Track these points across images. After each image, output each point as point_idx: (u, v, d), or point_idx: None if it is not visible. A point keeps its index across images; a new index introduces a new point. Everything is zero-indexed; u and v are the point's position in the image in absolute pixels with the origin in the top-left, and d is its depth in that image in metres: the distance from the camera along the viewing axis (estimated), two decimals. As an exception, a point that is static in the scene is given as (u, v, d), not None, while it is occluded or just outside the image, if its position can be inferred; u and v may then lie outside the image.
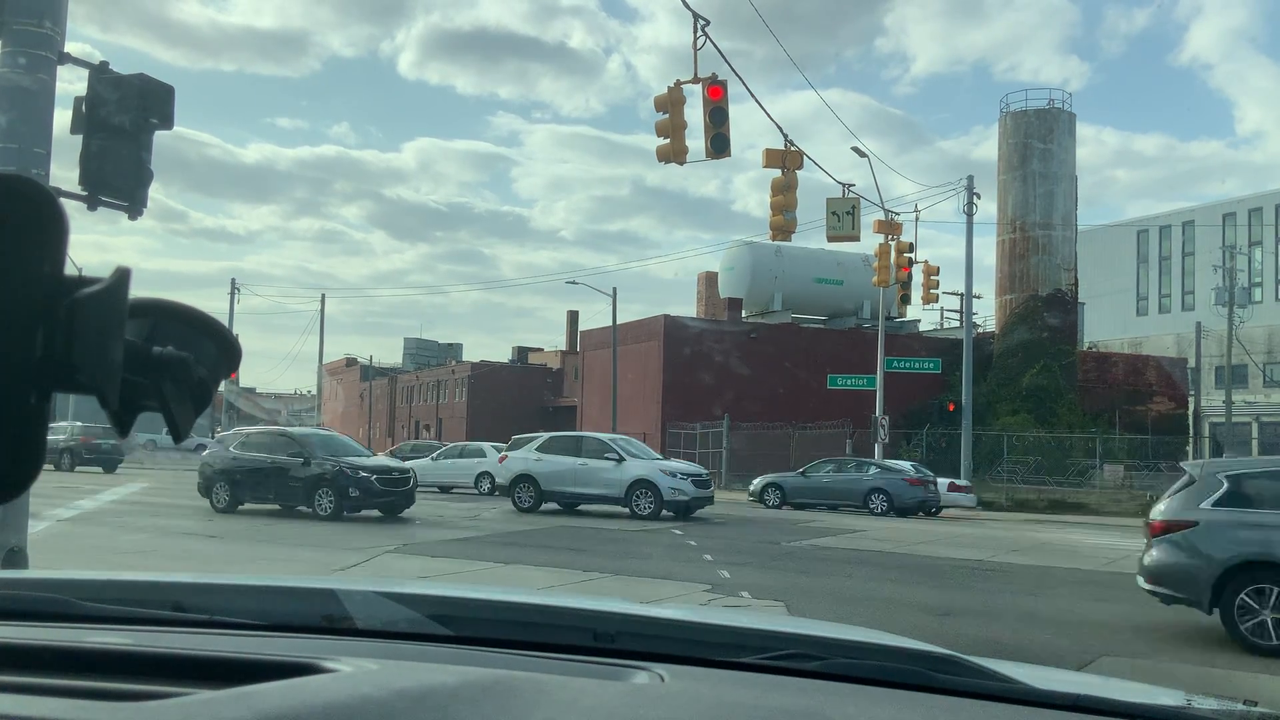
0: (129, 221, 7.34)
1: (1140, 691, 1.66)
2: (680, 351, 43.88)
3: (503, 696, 1.26)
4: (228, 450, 22.13)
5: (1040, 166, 45.76)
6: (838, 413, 37.52)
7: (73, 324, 0.76)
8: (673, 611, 1.99)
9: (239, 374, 56.97)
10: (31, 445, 0.76)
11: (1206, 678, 8.18)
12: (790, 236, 18.38)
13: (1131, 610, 11.67)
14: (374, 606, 1.80)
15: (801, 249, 48.60)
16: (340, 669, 1.31)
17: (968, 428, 30.18)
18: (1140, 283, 67.07)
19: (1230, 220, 60.63)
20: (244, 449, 21.98)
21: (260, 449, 21.75)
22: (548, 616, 1.85)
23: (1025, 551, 17.84)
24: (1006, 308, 46.36)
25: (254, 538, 17.05)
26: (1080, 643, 9.51)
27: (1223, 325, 47.20)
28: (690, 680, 1.44)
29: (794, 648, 1.64)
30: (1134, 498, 30.85)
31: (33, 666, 1.33)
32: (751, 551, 16.52)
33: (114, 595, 1.85)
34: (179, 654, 1.40)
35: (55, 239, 0.76)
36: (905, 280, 28.13)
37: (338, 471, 20.27)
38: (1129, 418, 44.21)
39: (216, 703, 1.13)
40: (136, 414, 0.86)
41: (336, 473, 20.25)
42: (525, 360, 73.92)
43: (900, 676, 1.53)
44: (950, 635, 9.45)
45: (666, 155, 14.01)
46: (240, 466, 21.53)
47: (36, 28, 6.67)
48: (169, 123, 7.13)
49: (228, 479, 21.57)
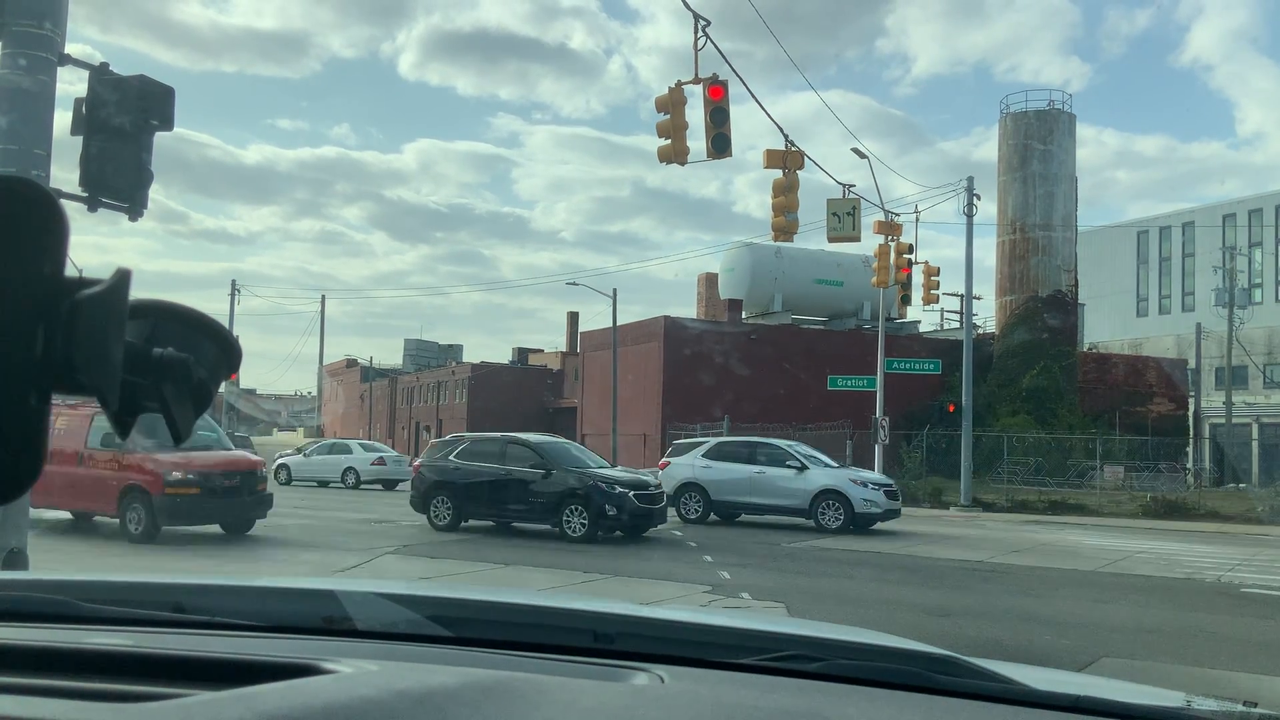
0: (129, 223, 7.34)
1: (1140, 693, 1.66)
2: (680, 352, 43.87)
3: (503, 697, 1.26)
4: (447, 459, 19.46)
5: (1040, 167, 45.75)
6: (838, 414, 37.49)
7: (73, 325, 0.76)
8: (673, 612, 1.99)
9: (239, 375, 56.98)
10: (32, 446, 0.76)
11: (1206, 679, 8.18)
12: (792, 237, 18.39)
13: (1131, 611, 11.67)
14: (374, 608, 1.80)
15: (801, 250, 48.58)
16: (340, 670, 1.31)
17: (968, 429, 30.17)
18: (1140, 284, 67.03)
19: (1230, 221, 60.60)
20: (467, 458, 19.21)
21: (488, 458, 18.97)
22: (548, 617, 1.85)
23: (1025, 552, 17.84)
24: (1006, 309, 46.35)
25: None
26: (1080, 644, 9.50)
27: (1223, 326, 47.17)
28: (690, 681, 1.44)
29: (794, 649, 1.64)
30: (1134, 499, 30.83)
31: (34, 668, 1.33)
32: (752, 552, 16.51)
33: (114, 596, 1.86)
34: (179, 655, 1.40)
35: (56, 240, 0.76)
36: (905, 281, 28.11)
37: (591, 486, 17.56)
38: (1129, 419, 44.18)
39: (217, 704, 1.13)
40: (137, 415, 0.86)
41: (590, 487, 17.53)
42: (525, 361, 73.91)
43: (900, 677, 1.54)
44: (950, 636, 9.45)
45: (668, 156, 14.02)
46: (464, 478, 18.89)
47: (37, 29, 6.67)
48: (169, 124, 7.13)
49: (449, 492, 18.99)
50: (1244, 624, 10.95)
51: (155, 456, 15.90)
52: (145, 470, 15.93)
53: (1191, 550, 19.31)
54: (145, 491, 15.82)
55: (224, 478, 16.54)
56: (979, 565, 15.81)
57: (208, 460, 16.57)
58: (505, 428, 59.56)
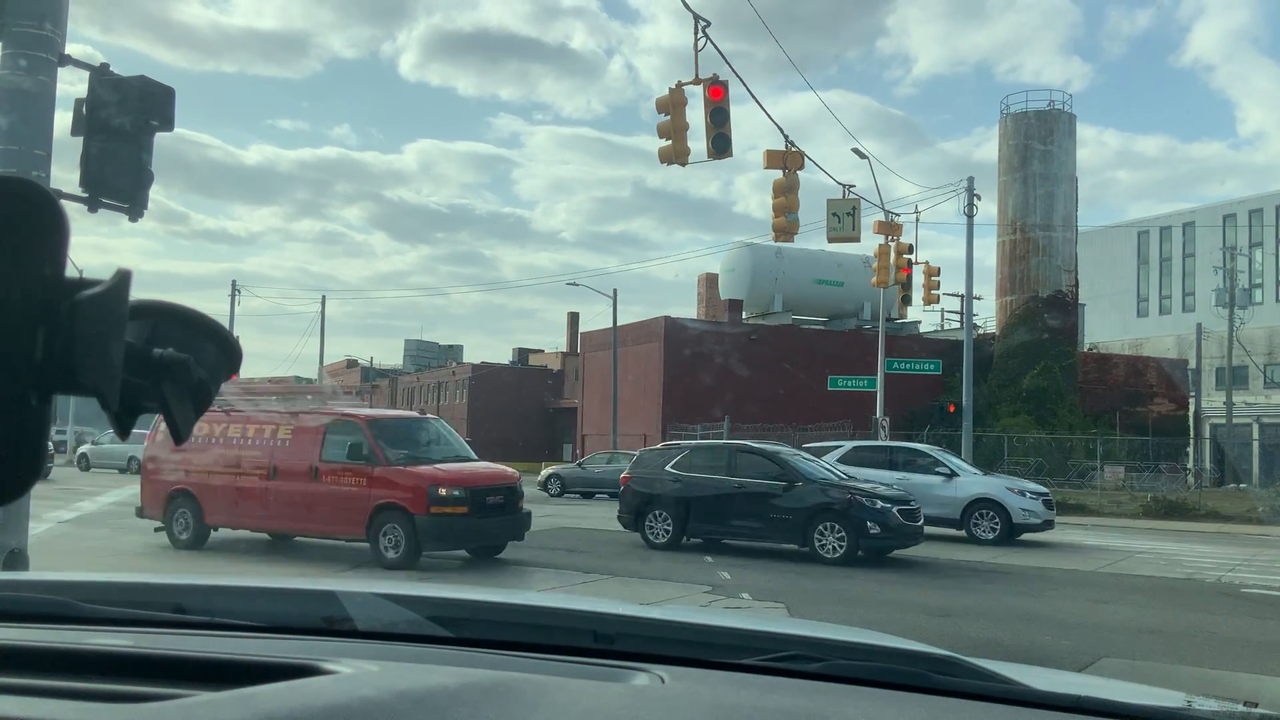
0: (130, 223, 7.34)
1: (1141, 693, 1.66)
2: (680, 353, 43.87)
3: (503, 698, 1.26)
4: (663, 470, 17.42)
5: (1040, 168, 45.76)
6: (838, 414, 37.50)
7: (74, 326, 0.76)
8: (673, 613, 1.99)
9: (239, 376, 56.95)
10: (32, 447, 0.76)
11: (1207, 679, 8.18)
12: (792, 238, 18.39)
13: (1132, 611, 11.67)
14: (374, 608, 1.80)
15: (802, 250, 48.59)
16: (341, 671, 1.31)
17: (968, 429, 30.16)
18: (1141, 284, 67.04)
19: (1231, 221, 60.61)
20: (687, 468, 17.25)
21: (713, 469, 17.06)
22: (548, 618, 1.85)
23: (1025, 552, 17.83)
24: (1007, 309, 46.35)
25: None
26: (1080, 644, 9.50)
27: (1223, 326, 47.18)
28: (690, 681, 1.44)
29: (794, 649, 1.64)
30: (1135, 499, 30.83)
31: (34, 668, 1.33)
32: (753, 552, 16.50)
33: (115, 597, 1.86)
34: (180, 656, 1.40)
35: (56, 241, 0.76)
36: (905, 281, 28.11)
37: (849, 500, 15.54)
38: (1129, 419, 44.19)
39: (217, 704, 1.13)
40: (137, 416, 0.86)
41: (848, 501, 15.52)
42: (526, 362, 73.89)
43: (900, 678, 1.54)
44: (950, 636, 9.45)
45: (668, 157, 14.03)
46: (685, 491, 16.93)
47: (37, 30, 6.67)
48: (169, 124, 7.13)
49: (669, 506, 17.03)
50: (1244, 624, 10.95)
51: (414, 470, 13.99)
52: (404, 486, 13.75)
53: (1192, 550, 19.31)
54: (404, 511, 13.55)
55: (489, 493, 14.27)
56: (979, 565, 15.81)
57: (473, 474, 14.56)
58: (505, 428, 59.56)
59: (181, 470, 15.68)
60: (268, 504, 14.85)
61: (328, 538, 15.11)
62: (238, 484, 15.14)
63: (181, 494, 15.61)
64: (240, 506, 15.17)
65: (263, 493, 14.88)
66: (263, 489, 14.88)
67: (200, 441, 15.25)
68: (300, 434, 14.83)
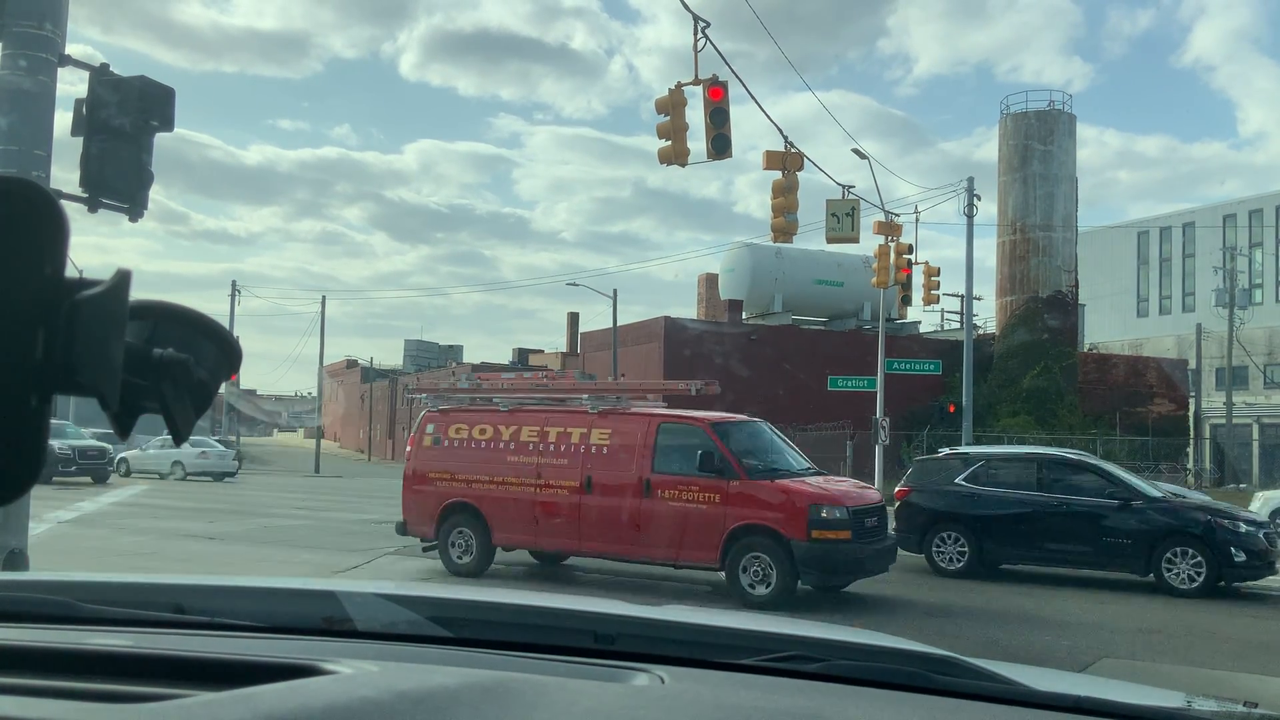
0: (130, 223, 7.34)
1: (1141, 693, 1.66)
2: (680, 353, 43.87)
3: (503, 698, 1.26)
4: (953, 483, 15.21)
5: (1040, 168, 45.78)
6: (838, 414, 37.49)
7: (73, 326, 0.76)
8: (673, 613, 1.99)
9: (239, 376, 56.99)
10: (32, 447, 0.76)
11: (1207, 679, 8.18)
12: (791, 238, 18.39)
13: (1132, 612, 11.67)
14: (374, 608, 1.80)
15: (802, 251, 48.60)
16: (340, 671, 1.31)
17: (968, 429, 30.16)
18: (1140, 284, 67.05)
19: (1231, 221, 60.62)
20: (986, 482, 14.98)
21: (1023, 483, 14.79)
22: (548, 618, 1.85)
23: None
24: (1007, 309, 46.37)
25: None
26: (1080, 644, 9.51)
27: (1223, 327, 47.19)
28: (690, 682, 1.44)
29: (794, 649, 1.64)
30: (1135, 499, 30.79)
31: (34, 668, 1.33)
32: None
33: (115, 597, 1.86)
34: (180, 656, 1.40)
35: (56, 241, 0.76)
36: (905, 282, 28.11)
37: (1206, 523, 13.36)
38: (1129, 419, 44.19)
39: (217, 704, 1.13)
40: (137, 416, 0.86)
41: (1206, 524, 13.33)
42: (526, 362, 73.82)
43: (900, 678, 1.54)
44: (950, 636, 9.45)
45: (668, 158, 14.04)
46: (986, 508, 14.72)
47: (37, 30, 6.68)
48: (169, 125, 7.13)
49: (963, 526, 14.78)
50: (1244, 624, 10.95)
51: (785, 485, 11.89)
52: (774, 505, 11.60)
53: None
54: (776, 535, 11.42)
55: (868, 515, 12.08)
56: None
57: (845, 492, 12.47)
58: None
59: (462, 480, 13.43)
60: (580, 522, 12.55)
61: (663, 563, 12.59)
62: (539, 498, 12.85)
63: (460, 507, 13.34)
64: (542, 524, 12.86)
65: (573, 509, 12.60)
66: (573, 504, 12.61)
67: (486, 446, 13.39)
68: (621, 439, 12.53)
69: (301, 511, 23.52)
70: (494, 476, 13.18)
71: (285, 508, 24.83)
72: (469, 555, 13.19)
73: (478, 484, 13.25)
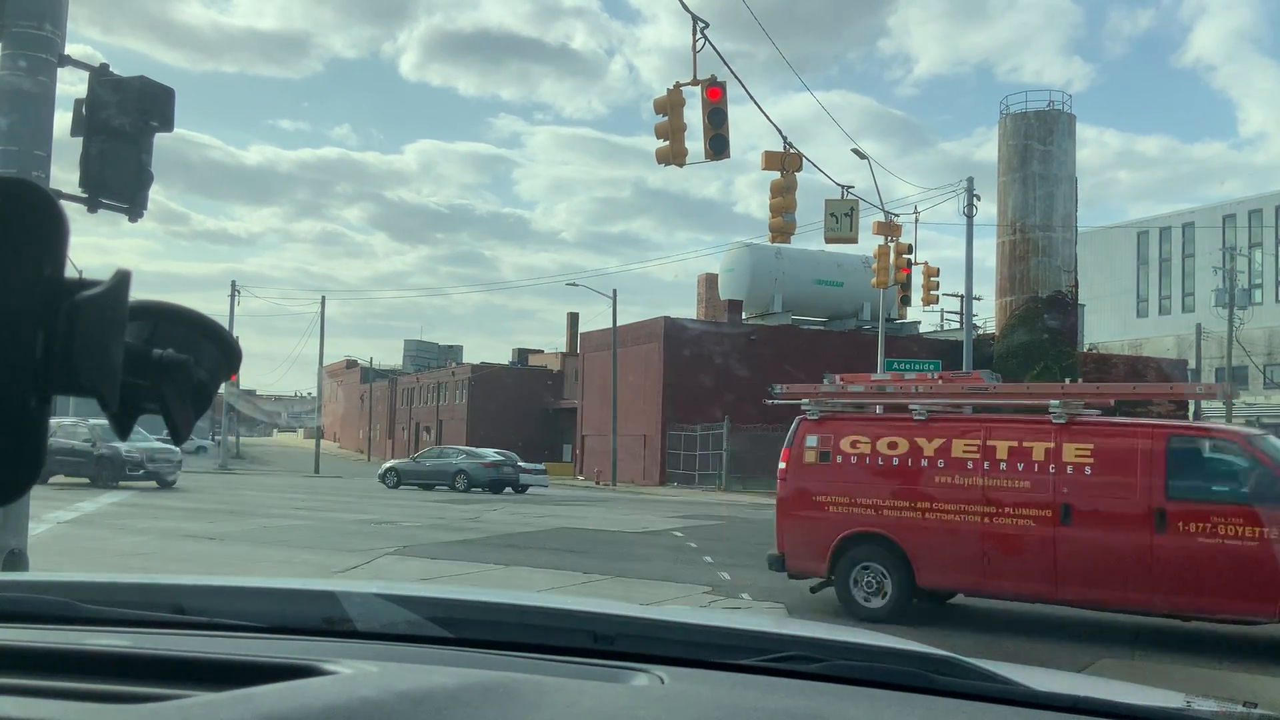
0: (129, 224, 7.35)
1: (1140, 693, 1.66)
2: (680, 353, 43.88)
3: (502, 698, 1.26)
4: None
5: (1040, 168, 45.78)
6: (838, 414, 37.50)
7: (73, 326, 0.76)
8: (673, 613, 1.99)
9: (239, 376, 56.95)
10: (32, 448, 0.76)
11: (1206, 679, 8.18)
12: (790, 238, 18.39)
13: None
14: (374, 608, 1.80)
15: (801, 251, 48.63)
16: (340, 671, 1.31)
17: (968, 429, 30.17)
18: (1140, 284, 67.06)
19: (1230, 222, 60.64)
20: None
21: None
22: (547, 618, 1.85)
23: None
24: (1006, 309, 46.38)
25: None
26: (1080, 644, 9.50)
27: (1223, 327, 47.22)
28: (690, 682, 1.44)
29: (794, 649, 1.64)
30: (1134, 499, 30.78)
31: (34, 669, 1.33)
32: (752, 553, 16.49)
33: (115, 597, 1.86)
34: (179, 656, 1.40)
35: (56, 241, 0.76)
36: (905, 282, 28.12)
37: None
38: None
39: (217, 705, 1.13)
40: (137, 416, 0.86)
41: None
42: (525, 362, 73.92)
43: (900, 678, 1.54)
44: (950, 636, 9.44)
45: (666, 158, 14.04)
46: None
47: (37, 30, 6.68)
48: (169, 125, 7.13)
49: None
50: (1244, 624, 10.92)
51: None
52: None
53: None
54: None
55: None
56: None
57: None
58: (505, 429, 59.50)
59: (867, 505, 10.80)
60: (1056, 561, 9.91)
61: (1181, 615, 9.86)
62: (990, 529, 10.20)
63: (866, 538, 10.73)
64: (994, 563, 10.22)
65: (1046, 544, 9.98)
66: (1045, 539, 10.00)
67: (899, 464, 10.76)
68: (1111, 457, 9.96)
69: (301, 511, 23.52)
70: (916, 502, 10.58)
71: (285, 508, 24.84)
72: (880, 598, 10.61)
73: (891, 510, 10.67)
